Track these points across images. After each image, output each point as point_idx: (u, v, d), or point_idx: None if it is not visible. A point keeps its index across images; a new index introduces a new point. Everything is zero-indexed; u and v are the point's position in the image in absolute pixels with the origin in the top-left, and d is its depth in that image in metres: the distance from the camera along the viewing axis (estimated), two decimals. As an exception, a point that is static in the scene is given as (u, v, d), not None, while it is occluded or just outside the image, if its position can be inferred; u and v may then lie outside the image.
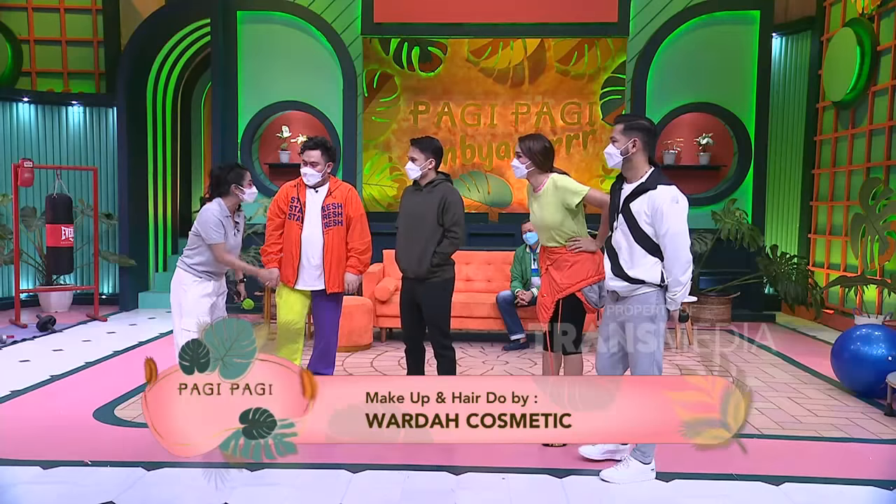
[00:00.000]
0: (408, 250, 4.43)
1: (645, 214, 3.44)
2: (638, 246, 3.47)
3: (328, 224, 4.51)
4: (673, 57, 8.45)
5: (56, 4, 9.44)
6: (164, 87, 9.67)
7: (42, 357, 6.19)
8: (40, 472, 3.59)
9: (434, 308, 4.43)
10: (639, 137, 3.50)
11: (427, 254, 4.35)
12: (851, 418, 4.64)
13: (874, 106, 7.60)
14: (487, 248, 7.78)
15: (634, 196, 3.49)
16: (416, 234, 4.39)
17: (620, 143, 3.51)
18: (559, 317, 4.02)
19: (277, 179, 8.75)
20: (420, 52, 9.68)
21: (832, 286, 7.59)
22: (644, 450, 3.57)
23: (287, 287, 4.62)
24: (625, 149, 3.51)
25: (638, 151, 3.51)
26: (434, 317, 4.45)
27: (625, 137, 3.50)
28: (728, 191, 8.51)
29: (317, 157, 4.48)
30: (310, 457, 3.98)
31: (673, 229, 3.40)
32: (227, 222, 4.33)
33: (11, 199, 8.09)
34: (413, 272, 4.41)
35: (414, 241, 4.39)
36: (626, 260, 3.52)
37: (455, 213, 4.38)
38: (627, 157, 3.52)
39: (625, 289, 3.54)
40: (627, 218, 3.50)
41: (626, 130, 3.51)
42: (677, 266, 3.42)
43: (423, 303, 4.44)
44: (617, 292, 3.60)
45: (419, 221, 4.39)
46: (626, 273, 3.51)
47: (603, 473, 3.59)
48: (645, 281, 3.48)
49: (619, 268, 3.55)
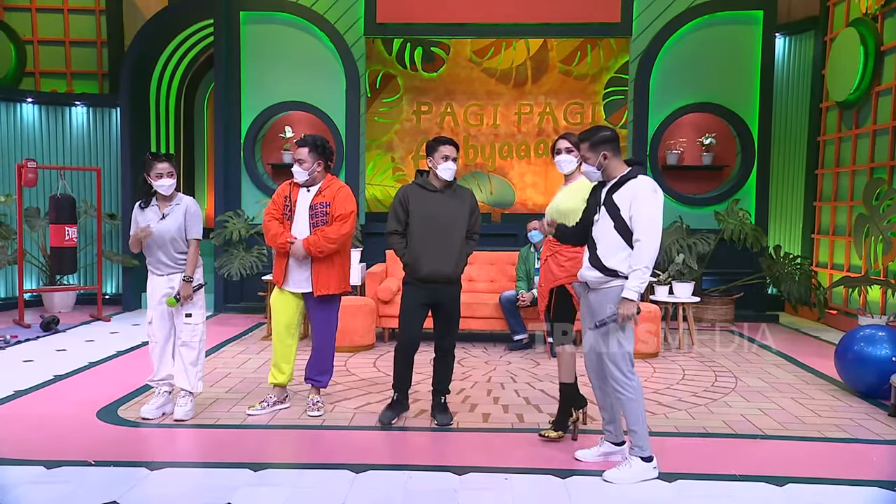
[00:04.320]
0: (442, 253, 4.32)
1: (626, 201, 3.53)
2: (617, 236, 3.54)
3: (316, 224, 4.45)
4: (676, 57, 8.44)
5: (60, 5, 9.47)
6: (168, 88, 9.68)
7: (45, 357, 6.20)
8: (44, 472, 3.59)
9: (458, 310, 4.50)
10: (607, 150, 3.62)
11: (462, 256, 4.41)
12: (855, 419, 4.63)
13: (878, 106, 7.59)
14: (490, 248, 7.77)
15: (616, 187, 3.59)
16: (450, 238, 4.34)
17: (592, 159, 3.66)
18: (552, 308, 4.13)
19: (280, 180, 8.76)
20: (423, 53, 9.69)
21: (835, 286, 7.58)
22: (640, 444, 3.58)
23: (278, 288, 4.61)
24: (598, 163, 3.65)
25: (611, 159, 3.64)
26: (455, 318, 4.49)
27: (594, 154, 3.65)
28: (731, 191, 8.50)
29: (304, 154, 4.45)
30: (312, 457, 3.99)
31: (649, 215, 3.48)
32: (142, 213, 4.46)
33: (15, 200, 8.11)
34: (447, 276, 4.35)
35: (450, 244, 4.34)
36: (604, 251, 3.59)
37: (479, 217, 4.52)
38: (603, 168, 3.65)
39: (597, 279, 3.61)
40: (610, 208, 3.59)
41: (593, 147, 3.64)
42: (649, 251, 3.46)
43: (447, 305, 4.42)
44: (588, 283, 3.68)
45: (452, 224, 4.36)
46: (603, 263, 3.58)
47: (606, 475, 3.59)
48: (618, 273, 3.54)
49: (596, 258, 3.62)
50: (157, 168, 4.36)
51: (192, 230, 4.45)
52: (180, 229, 4.41)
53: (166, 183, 4.37)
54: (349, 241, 4.59)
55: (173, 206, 4.45)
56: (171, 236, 4.39)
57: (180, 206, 4.45)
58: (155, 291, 4.45)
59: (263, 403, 4.64)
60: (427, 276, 4.34)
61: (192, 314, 4.44)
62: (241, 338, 7.11)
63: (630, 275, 3.48)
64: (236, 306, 8.63)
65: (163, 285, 4.43)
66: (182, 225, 4.41)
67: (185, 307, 4.41)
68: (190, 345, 4.46)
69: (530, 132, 9.72)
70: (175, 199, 4.48)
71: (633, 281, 3.47)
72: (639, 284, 3.47)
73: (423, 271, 4.33)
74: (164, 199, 4.46)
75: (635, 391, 3.55)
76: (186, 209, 4.44)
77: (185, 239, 4.43)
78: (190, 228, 4.44)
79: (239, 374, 5.60)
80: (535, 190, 9.76)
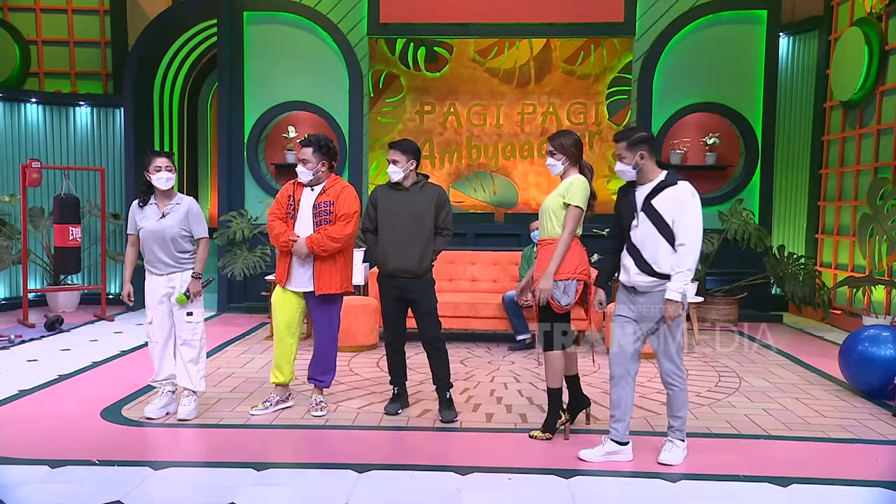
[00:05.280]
0: (405, 249, 4.46)
1: (668, 207, 3.63)
2: (663, 241, 3.65)
3: (319, 223, 4.46)
4: (679, 56, 8.43)
5: (64, 5, 9.49)
6: (171, 88, 9.70)
7: (50, 356, 6.21)
8: (48, 472, 3.60)
9: (431, 304, 4.56)
10: (644, 149, 3.69)
11: (427, 252, 4.49)
12: (859, 419, 4.62)
13: (882, 105, 7.57)
14: (493, 248, 7.78)
15: (656, 193, 3.68)
16: (414, 234, 4.46)
17: (629, 159, 3.72)
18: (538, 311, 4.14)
19: (283, 179, 8.76)
20: (426, 53, 9.68)
21: (840, 287, 7.56)
22: (682, 428, 3.81)
23: (280, 287, 4.61)
24: (635, 163, 3.71)
25: (647, 160, 3.70)
26: (431, 312, 4.56)
27: (631, 153, 3.71)
28: (735, 191, 8.48)
29: (308, 154, 4.47)
30: (316, 457, 3.99)
31: (693, 219, 3.62)
32: (140, 211, 4.46)
33: (19, 200, 8.13)
34: (411, 271, 4.46)
35: (412, 241, 4.45)
36: (652, 256, 3.68)
37: (449, 213, 4.59)
38: (639, 168, 3.72)
39: (649, 283, 3.70)
40: (651, 214, 3.67)
41: (631, 146, 3.70)
42: (692, 254, 3.60)
43: (418, 300, 4.52)
44: (636, 287, 3.75)
45: (416, 221, 4.47)
46: (653, 269, 3.68)
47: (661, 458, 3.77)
48: (669, 276, 3.64)
49: (644, 264, 3.69)
50: (157, 162, 4.35)
51: (198, 230, 4.46)
52: (182, 228, 4.41)
53: (164, 176, 4.35)
54: (352, 241, 4.60)
55: (174, 205, 4.44)
56: (172, 235, 4.38)
57: (181, 206, 4.45)
58: (154, 291, 4.44)
59: (266, 403, 4.64)
60: (393, 272, 4.50)
61: (192, 312, 4.44)
62: (245, 337, 7.12)
63: (673, 277, 3.61)
64: (239, 306, 8.64)
65: (163, 285, 4.42)
66: (183, 224, 4.41)
67: (188, 305, 4.42)
68: (191, 343, 4.46)
69: (533, 132, 9.71)
70: (175, 198, 4.47)
71: (676, 283, 3.61)
72: (682, 286, 3.61)
73: (388, 267, 4.51)
74: (163, 198, 4.45)
75: (685, 382, 3.80)
76: (189, 210, 4.44)
77: (184, 238, 4.42)
78: (196, 228, 4.45)
79: (242, 374, 5.61)
80: (538, 190, 9.74)
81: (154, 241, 4.39)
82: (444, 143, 9.77)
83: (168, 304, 4.43)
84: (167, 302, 4.43)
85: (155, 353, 4.53)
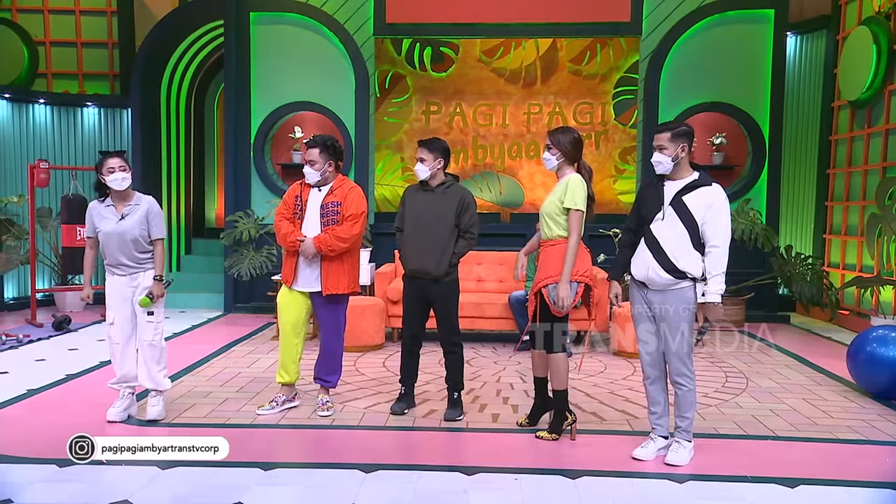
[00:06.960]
0: (424, 251, 4.44)
1: (700, 207, 3.65)
2: (687, 238, 3.67)
3: (327, 223, 4.45)
4: (686, 56, 8.40)
5: (71, 6, 9.54)
6: (178, 88, 9.73)
7: (57, 356, 6.24)
8: (56, 471, 3.61)
9: (449, 307, 4.53)
10: (686, 142, 3.71)
11: (446, 254, 4.44)
12: (867, 420, 4.60)
13: (890, 105, 7.53)
14: (499, 248, 7.77)
15: (688, 190, 3.70)
16: (433, 235, 4.43)
17: (670, 150, 3.71)
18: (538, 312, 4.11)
19: (290, 180, 8.77)
20: (432, 53, 9.69)
21: (847, 287, 7.53)
22: (689, 429, 3.82)
23: (286, 287, 4.62)
24: (675, 155, 3.71)
25: (686, 155, 3.73)
26: (449, 315, 4.54)
27: (673, 145, 3.71)
28: (742, 191, 8.45)
29: (315, 155, 4.46)
30: (322, 456, 4.00)
31: (726, 221, 3.67)
32: (99, 212, 4.39)
33: (27, 200, 8.16)
34: (430, 273, 4.43)
35: (432, 242, 4.43)
36: (674, 252, 3.68)
37: (473, 215, 4.52)
38: (677, 161, 3.72)
39: (667, 281, 3.70)
40: (680, 210, 3.68)
41: (675, 138, 3.71)
42: (726, 256, 3.66)
43: (437, 302, 4.50)
44: (648, 283, 3.76)
45: (436, 222, 4.44)
46: (675, 265, 3.68)
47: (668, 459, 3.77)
48: (687, 274, 3.66)
49: (666, 260, 3.69)
50: (109, 163, 4.27)
51: (155, 231, 4.40)
52: (143, 229, 4.35)
53: (119, 177, 4.27)
54: (359, 241, 4.60)
55: (132, 206, 4.38)
56: (133, 237, 4.32)
57: (140, 207, 4.38)
58: (116, 292, 4.39)
59: (273, 403, 4.65)
60: (412, 272, 4.51)
61: (153, 312, 4.39)
62: (251, 338, 7.13)
63: (710, 280, 3.66)
64: (246, 306, 8.66)
65: (125, 285, 4.37)
66: (143, 224, 4.35)
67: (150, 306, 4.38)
68: (154, 343, 4.42)
69: (540, 132, 9.69)
70: (133, 198, 4.40)
71: (714, 286, 3.65)
72: (720, 288, 3.65)
73: (409, 267, 4.53)
74: (120, 200, 4.37)
75: (694, 382, 3.82)
76: (149, 210, 4.39)
77: (145, 238, 4.37)
78: (154, 229, 4.39)
79: (249, 374, 5.62)
80: (544, 190, 9.73)
81: (114, 244, 4.32)
82: (450, 144, 9.50)
83: (131, 305, 4.39)
84: (130, 303, 4.39)
85: (115, 354, 4.45)
